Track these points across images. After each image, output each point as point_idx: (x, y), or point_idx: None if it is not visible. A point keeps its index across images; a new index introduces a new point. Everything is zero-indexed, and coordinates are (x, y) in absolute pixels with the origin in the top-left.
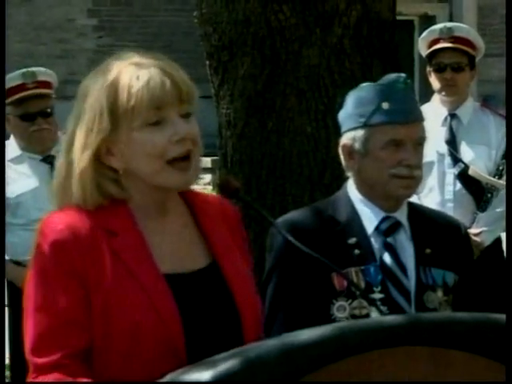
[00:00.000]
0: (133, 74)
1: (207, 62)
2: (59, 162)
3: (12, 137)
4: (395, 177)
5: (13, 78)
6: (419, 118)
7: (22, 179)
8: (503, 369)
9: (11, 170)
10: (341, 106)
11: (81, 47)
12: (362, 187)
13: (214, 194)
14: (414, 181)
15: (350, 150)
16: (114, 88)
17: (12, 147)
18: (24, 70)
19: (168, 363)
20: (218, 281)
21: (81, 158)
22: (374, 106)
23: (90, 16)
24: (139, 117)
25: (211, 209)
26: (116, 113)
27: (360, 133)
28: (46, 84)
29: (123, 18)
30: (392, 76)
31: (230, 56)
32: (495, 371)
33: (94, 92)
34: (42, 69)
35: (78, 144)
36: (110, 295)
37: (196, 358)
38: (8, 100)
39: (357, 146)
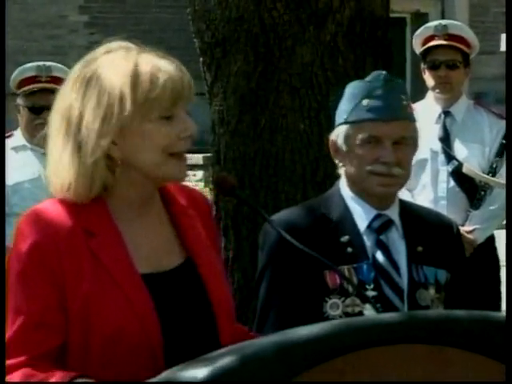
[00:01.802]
0: (154, 64)
1: (200, 59)
2: (63, 145)
3: (19, 127)
4: (372, 174)
5: (27, 70)
6: (401, 117)
7: (22, 168)
8: (500, 367)
9: (12, 158)
10: (335, 103)
11: (73, 44)
12: (350, 184)
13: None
14: (393, 179)
15: (335, 147)
16: (135, 76)
17: (18, 137)
18: (40, 63)
19: (145, 364)
20: (193, 278)
21: (97, 145)
22: (354, 103)
23: (82, 13)
24: (157, 109)
25: (183, 200)
26: (135, 102)
27: (342, 129)
28: (59, 80)
29: (115, 14)
30: (375, 73)
31: (223, 53)
32: (492, 369)
33: (107, 76)
34: (58, 65)
35: (93, 130)
36: (88, 298)
37: (173, 358)
38: (20, 90)
39: (339, 142)
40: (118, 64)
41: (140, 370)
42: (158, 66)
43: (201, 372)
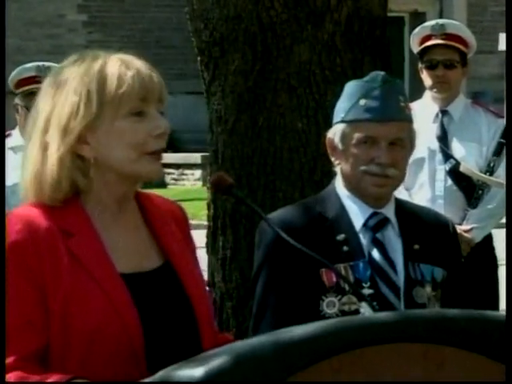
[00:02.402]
0: (121, 63)
1: (198, 58)
2: (33, 147)
3: (17, 127)
4: (367, 174)
5: (27, 70)
6: (397, 118)
7: (19, 169)
8: (497, 366)
9: (10, 158)
10: (334, 101)
11: (71, 43)
12: (346, 183)
13: (161, 195)
14: (388, 180)
15: (332, 145)
16: (102, 74)
17: (16, 136)
18: (40, 63)
19: (126, 364)
20: (172, 281)
21: (61, 143)
22: (352, 102)
23: (81, 12)
24: (127, 105)
25: (160, 209)
26: (103, 99)
27: (339, 128)
28: None
29: (113, 13)
30: (373, 73)
31: (221, 52)
32: (489, 368)
33: (76, 77)
34: (57, 66)
35: (57, 128)
36: (68, 298)
37: (154, 358)
38: (19, 90)
39: (336, 140)
40: (86, 66)
41: (121, 370)
42: (125, 63)
43: (197, 371)
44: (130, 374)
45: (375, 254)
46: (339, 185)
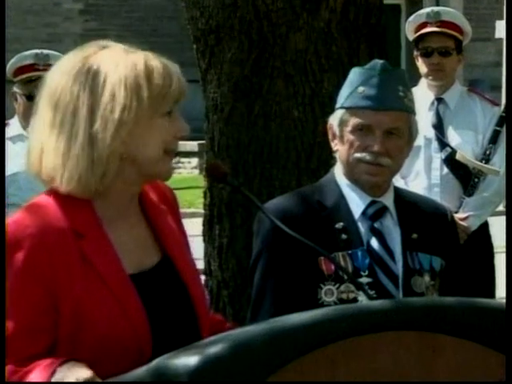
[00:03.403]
0: (161, 60)
1: (194, 46)
2: (69, 135)
3: (16, 116)
4: (360, 161)
5: (25, 57)
6: (395, 107)
7: (19, 158)
8: (492, 353)
9: (9, 148)
10: (339, 88)
11: (67, 31)
12: (344, 170)
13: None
14: (380, 168)
15: (332, 130)
16: (149, 70)
17: (14, 126)
18: (38, 50)
19: (132, 364)
20: (172, 275)
21: (115, 136)
22: (351, 89)
23: (77, 0)
24: (168, 103)
25: (155, 198)
26: (151, 94)
27: (339, 114)
28: None
29: (110, 1)
30: (374, 61)
31: (217, 40)
32: (484, 356)
33: (118, 71)
34: (56, 53)
35: (111, 120)
36: (80, 302)
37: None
38: (17, 78)
39: (335, 126)
40: (123, 58)
41: (127, 369)
42: (164, 62)
43: (192, 359)
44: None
45: (374, 242)
46: (339, 173)
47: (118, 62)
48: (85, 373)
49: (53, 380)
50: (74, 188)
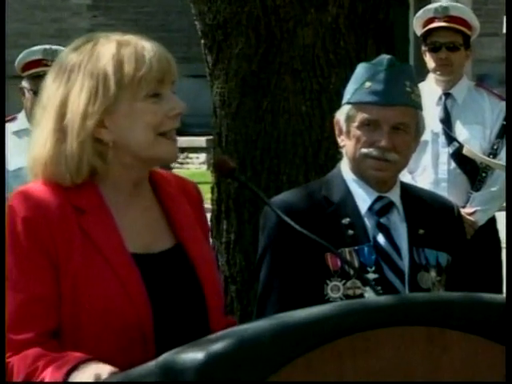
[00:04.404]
0: (137, 45)
1: (202, 41)
2: (45, 132)
3: (23, 110)
4: (367, 157)
5: (33, 53)
6: (402, 102)
7: (24, 153)
8: (500, 348)
9: (15, 143)
10: (346, 83)
11: (75, 27)
12: (351, 166)
13: (175, 173)
14: (387, 164)
15: (339, 126)
16: (118, 57)
17: (21, 120)
18: (47, 46)
19: (135, 343)
20: (183, 262)
21: (81, 128)
22: (358, 84)
23: None
24: (145, 87)
25: (173, 188)
26: (121, 82)
27: (345, 109)
28: None
29: None
30: (381, 56)
31: (225, 35)
32: (491, 351)
33: (90, 61)
34: (64, 49)
35: (76, 113)
36: (78, 274)
37: (163, 338)
38: (25, 73)
39: (341, 121)
40: (100, 49)
41: (131, 347)
42: (141, 45)
43: (199, 355)
44: (140, 351)
45: (380, 238)
46: (345, 168)
47: (92, 54)
48: (107, 368)
49: (71, 377)
50: (49, 179)
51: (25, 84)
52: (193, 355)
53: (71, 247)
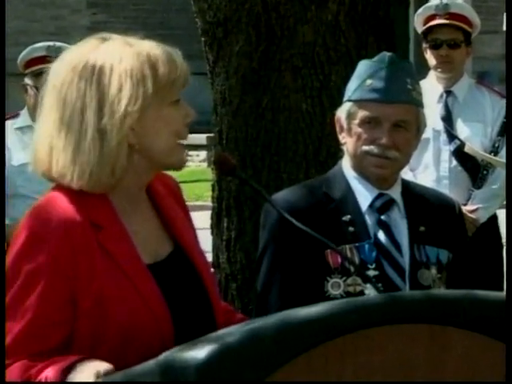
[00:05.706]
0: (164, 48)
1: (202, 39)
2: (88, 132)
3: (26, 107)
4: (368, 154)
5: (37, 49)
6: (402, 100)
7: (28, 149)
8: (500, 346)
9: (18, 139)
10: (348, 80)
11: (75, 24)
12: (352, 163)
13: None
14: (388, 161)
15: (340, 123)
16: (153, 58)
17: (24, 117)
18: (50, 43)
19: (156, 356)
20: (185, 264)
21: (121, 126)
22: (359, 82)
23: None
24: (175, 91)
25: (161, 186)
26: (157, 84)
27: (346, 106)
28: None
29: None
30: (382, 54)
31: (225, 33)
32: (493, 348)
33: (123, 63)
34: (68, 46)
35: (117, 112)
36: (102, 295)
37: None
38: (28, 70)
39: (342, 119)
40: (126, 50)
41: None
42: (168, 50)
43: (200, 353)
44: None
45: (381, 235)
46: (346, 165)
47: (122, 54)
48: (104, 365)
49: (70, 377)
50: (85, 183)
51: (28, 81)
52: (194, 353)
53: (94, 268)
